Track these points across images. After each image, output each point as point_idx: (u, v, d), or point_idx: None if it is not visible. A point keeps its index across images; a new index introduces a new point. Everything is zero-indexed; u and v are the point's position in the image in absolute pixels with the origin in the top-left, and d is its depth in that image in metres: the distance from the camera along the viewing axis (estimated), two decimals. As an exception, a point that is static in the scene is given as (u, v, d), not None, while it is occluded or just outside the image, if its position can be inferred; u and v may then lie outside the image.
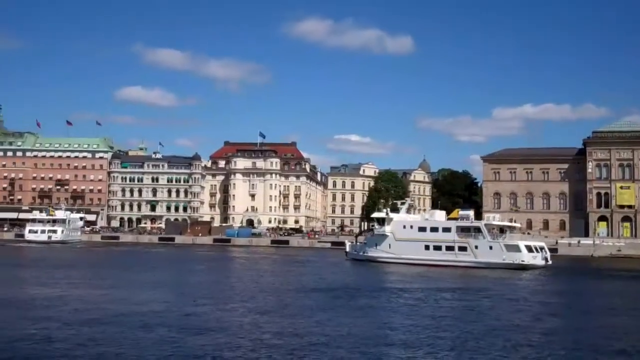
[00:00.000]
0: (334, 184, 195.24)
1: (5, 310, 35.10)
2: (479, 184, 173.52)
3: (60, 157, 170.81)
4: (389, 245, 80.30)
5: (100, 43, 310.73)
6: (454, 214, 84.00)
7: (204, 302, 39.59)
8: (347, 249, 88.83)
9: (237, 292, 46.12)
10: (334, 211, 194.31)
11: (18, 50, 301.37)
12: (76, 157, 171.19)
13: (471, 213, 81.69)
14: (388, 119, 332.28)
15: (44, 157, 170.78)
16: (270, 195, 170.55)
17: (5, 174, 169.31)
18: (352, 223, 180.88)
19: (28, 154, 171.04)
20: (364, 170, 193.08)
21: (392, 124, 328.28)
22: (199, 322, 32.12)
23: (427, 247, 77.12)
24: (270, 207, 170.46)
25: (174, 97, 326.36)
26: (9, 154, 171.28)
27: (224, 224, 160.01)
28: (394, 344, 27.89)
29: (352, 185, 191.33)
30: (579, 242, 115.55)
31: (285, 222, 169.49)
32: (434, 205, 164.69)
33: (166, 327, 30.33)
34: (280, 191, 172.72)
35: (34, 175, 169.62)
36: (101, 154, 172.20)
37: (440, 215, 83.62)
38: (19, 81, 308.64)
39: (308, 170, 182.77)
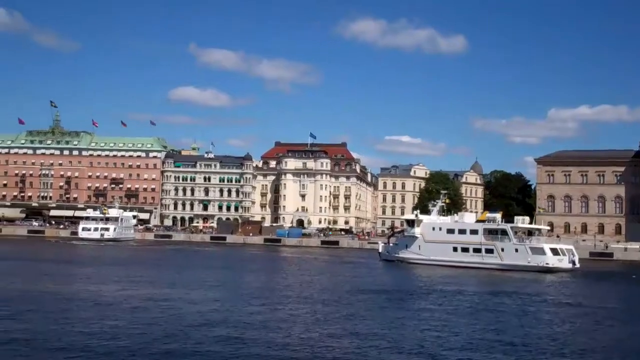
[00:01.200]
0: (385, 185, 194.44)
1: (69, 308, 36.05)
2: (533, 187, 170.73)
3: (115, 156, 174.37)
4: (419, 246, 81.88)
5: (156, 44, 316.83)
6: (482, 217, 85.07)
7: (262, 302, 39.93)
8: (380, 250, 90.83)
9: (294, 292, 46.43)
10: (384, 212, 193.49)
11: (75, 52, 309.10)
12: (130, 156, 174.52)
13: (498, 216, 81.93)
14: (440, 120, 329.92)
15: (99, 156, 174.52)
16: (321, 196, 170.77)
17: (62, 173, 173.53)
18: (402, 225, 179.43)
19: (84, 153, 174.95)
20: (414, 172, 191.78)
21: (444, 125, 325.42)
22: (260, 322, 32.46)
23: (455, 249, 78.30)
24: (321, 207, 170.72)
25: (227, 97, 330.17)
26: (66, 152, 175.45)
27: (274, 224, 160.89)
28: (461, 349, 27.69)
29: (403, 187, 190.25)
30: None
31: (335, 222, 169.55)
32: (486, 208, 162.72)
33: (229, 327, 30.76)
34: (330, 192, 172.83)
35: (90, 174, 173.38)
36: (155, 154, 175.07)
37: (469, 218, 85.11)
38: (76, 81, 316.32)
39: (358, 171, 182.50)
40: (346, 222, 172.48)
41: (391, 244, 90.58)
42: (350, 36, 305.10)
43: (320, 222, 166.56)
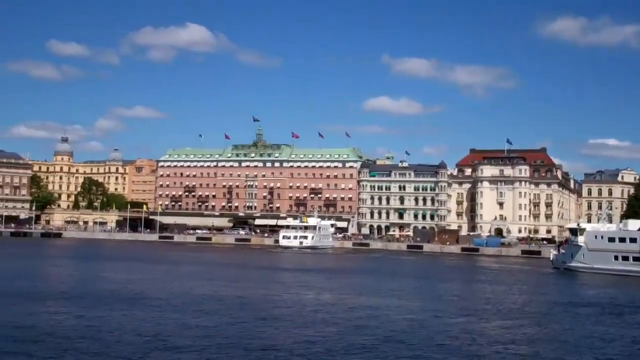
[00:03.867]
0: (589, 192, 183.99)
1: (295, 313, 37.82)
2: None
3: (313, 167, 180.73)
4: (583, 255, 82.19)
5: (350, 57, 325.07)
6: None
7: (481, 316, 39.62)
8: (551, 258, 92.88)
9: (511, 305, 45.39)
10: (589, 221, 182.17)
11: (276, 68, 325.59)
12: (328, 167, 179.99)
13: None
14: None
15: (299, 167, 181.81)
16: (520, 204, 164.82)
17: (265, 184, 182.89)
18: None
19: (285, 164, 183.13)
20: (622, 177, 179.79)
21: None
22: (472, 335, 32.11)
23: (616, 258, 77.88)
24: (520, 216, 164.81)
25: (420, 105, 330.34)
26: (268, 165, 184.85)
27: (471, 233, 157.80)
28: None
29: (610, 193, 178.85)
30: None
31: (536, 231, 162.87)
32: None
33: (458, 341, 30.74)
34: (530, 199, 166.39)
35: (291, 184, 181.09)
36: (351, 164, 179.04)
37: (634, 225, 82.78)
38: (276, 96, 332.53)
39: (560, 177, 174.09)
40: (548, 231, 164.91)
41: (560, 253, 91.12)
42: (548, 36, 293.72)
43: (520, 231, 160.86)
